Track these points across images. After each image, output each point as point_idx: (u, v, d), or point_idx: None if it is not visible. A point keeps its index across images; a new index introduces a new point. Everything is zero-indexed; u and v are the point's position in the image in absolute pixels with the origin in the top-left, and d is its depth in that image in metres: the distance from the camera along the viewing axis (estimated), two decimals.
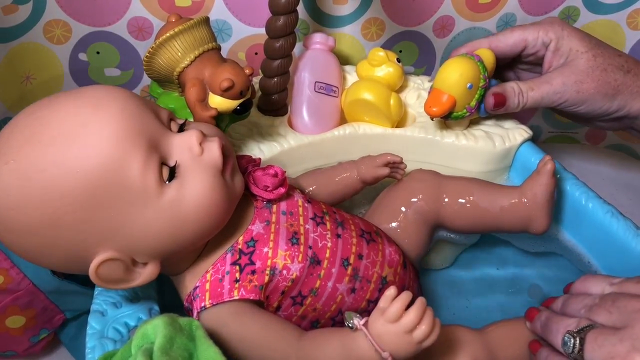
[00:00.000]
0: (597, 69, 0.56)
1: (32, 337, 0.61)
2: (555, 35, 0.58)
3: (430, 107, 0.57)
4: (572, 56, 0.57)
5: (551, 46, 0.59)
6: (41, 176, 0.36)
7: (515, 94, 0.58)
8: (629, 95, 0.56)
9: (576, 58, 0.57)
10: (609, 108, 0.57)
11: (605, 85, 0.56)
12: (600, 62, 0.56)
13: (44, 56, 0.66)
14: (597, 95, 0.56)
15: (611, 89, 0.56)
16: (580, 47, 0.57)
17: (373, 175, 0.55)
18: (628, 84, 0.56)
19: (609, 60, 0.57)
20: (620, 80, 0.56)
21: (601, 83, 0.56)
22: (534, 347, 0.45)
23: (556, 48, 0.58)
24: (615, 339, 0.37)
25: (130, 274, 0.41)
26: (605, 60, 0.57)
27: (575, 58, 0.57)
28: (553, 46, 0.58)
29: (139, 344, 0.38)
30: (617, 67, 0.57)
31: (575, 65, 0.57)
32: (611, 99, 0.56)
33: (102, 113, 0.38)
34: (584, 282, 0.45)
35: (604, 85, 0.56)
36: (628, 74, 0.56)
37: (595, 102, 0.57)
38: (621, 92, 0.56)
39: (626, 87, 0.56)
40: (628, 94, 0.56)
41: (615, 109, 0.57)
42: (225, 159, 0.42)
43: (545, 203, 0.53)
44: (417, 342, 0.38)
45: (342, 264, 0.46)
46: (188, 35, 0.48)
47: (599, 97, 0.56)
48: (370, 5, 0.69)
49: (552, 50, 0.59)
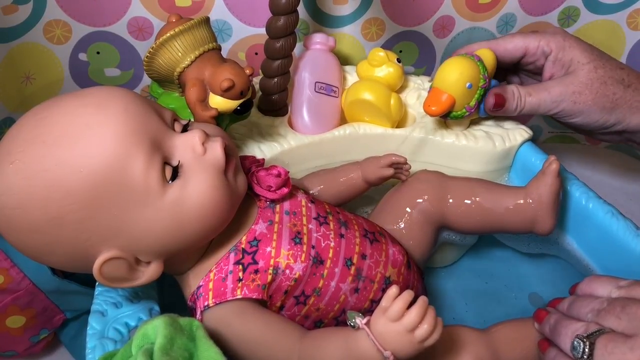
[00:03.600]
0: (596, 81, 0.56)
1: (32, 337, 0.61)
2: (556, 46, 0.58)
3: (429, 106, 0.57)
4: (573, 67, 0.57)
5: (551, 57, 0.59)
6: (45, 175, 0.37)
7: (515, 98, 0.58)
8: (628, 110, 0.56)
9: (577, 69, 0.57)
10: (606, 122, 0.57)
11: (603, 99, 0.56)
12: (601, 74, 0.56)
13: (44, 56, 0.66)
14: (594, 108, 0.56)
15: (609, 102, 0.56)
16: (581, 59, 0.57)
17: (377, 175, 0.55)
18: (627, 98, 0.56)
19: (610, 73, 0.56)
20: (619, 94, 0.56)
21: (599, 96, 0.56)
22: (542, 346, 0.44)
23: (557, 59, 0.58)
24: (625, 348, 0.37)
25: (133, 272, 0.41)
26: (606, 73, 0.56)
27: (576, 69, 0.57)
28: (553, 57, 0.58)
29: (140, 344, 0.38)
30: (617, 81, 0.56)
31: (575, 76, 0.57)
32: (609, 112, 0.56)
33: (105, 113, 0.38)
34: (590, 283, 0.45)
35: (601, 98, 0.56)
36: (628, 89, 0.56)
37: (592, 114, 0.57)
38: (619, 106, 0.56)
39: (625, 101, 0.56)
40: (627, 108, 0.56)
41: (613, 122, 0.57)
42: (228, 158, 0.42)
43: (551, 203, 0.53)
44: (419, 341, 0.38)
45: (345, 263, 0.46)
46: (188, 36, 0.48)
47: (596, 109, 0.56)
48: (370, 5, 0.69)
49: (552, 61, 0.59)
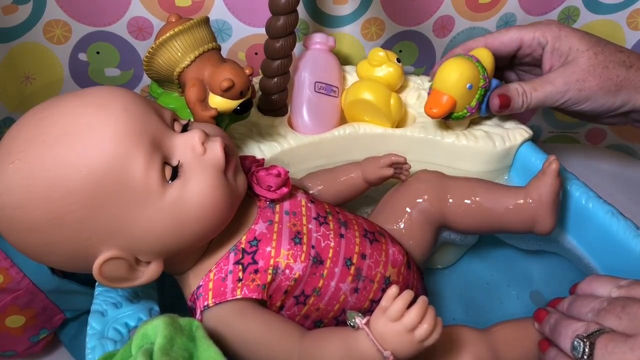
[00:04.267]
0: (598, 67, 0.56)
1: (32, 336, 0.61)
2: (551, 36, 0.58)
3: (430, 108, 0.57)
4: (572, 55, 0.57)
5: (548, 47, 0.59)
6: (45, 175, 0.37)
7: (519, 95, 0.58)
8: (633, 90, 0.56)
9: (577, 57, 0.57)
10: (613, 104, 0.57)
11: (608, 82, 0.56)
12: (602, 59, 0.56)
13: (44, 56, 0.66)
14: (599, 92, 0.56)
15: (614, 85, 0.56)
16: (580, 46, 0.57)
17: (377, 175, 0.55)
18: (631, 79, 0.56)
19: (610, 57, 0.57)
20: (622, 75, 0.56)
21: (603, 80, 0.56)
22: (543, 345, 0.44)
23: (554, 49, 0.58)
24: (626, 347, 0.37)
25: (133, 272, 0.41)
26: (606, 58, 0.57)
27: (576, 57, 0.57)
28: (550, 47, 0.59)
29: (139, 344, 0.38)
30: (618, 63, 0.56)
31: (576, 64, 0.57)
32: (614, 94, 0.56)
33: (105, 113, 0.38)
34: (590, 283, 0.45)
35: (606, 82, 0.56)
36: (630, 69, 0.56)
37: (599, 99, 0.57)
38: (624, 87, 0.56)
39: (629, 82, 0.56)
40: (632, 88, 0.56)
41: (620, 104, 0.57)
42: (228, 158, 0.42)
43: (551, 203, 0.53)
44: (419, 341, 0.38)
45: (345, 263, 0.46)
46: (188, 36, 0.48)
47: (601, 93, 0.56)
48: (370, 5, 0.69)
49: (549, 51, 0.59)
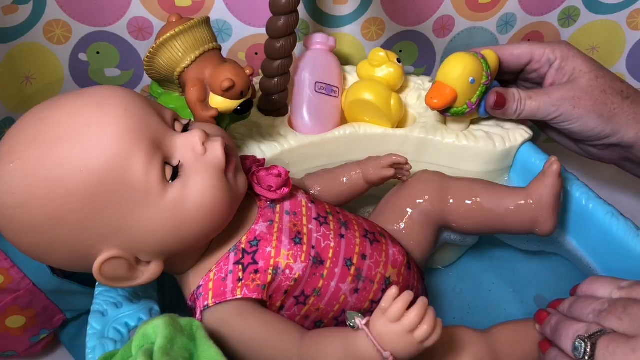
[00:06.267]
0: (596, 89, 0.57)
1: (32, 337, 0.61)
2: (561, 55, 0.59)
3: (431, 98, 0.57)
4: (575, 75, 0.58)
5: (555, 64, 0.59)
6: (46, 175, 0.37)
7: (515, 100, 0.59)
8: (625, 121, 0.57)
9: (578, 77, 0.58)
10: (603, 130, 0.57)
11: (602, 107, 0.57)
12: (602, 82, 0.57)
13: (44, 56, 0.66)
14: (592, 114, 0.57)
15: (607, 111, 0.57)
16: (583, 68, 0.58)
17: (378, 176, 0.55)
18: (625, 109, 0.57)
19: (610, 83, 0.57)
20: (617, 104, 0.57)
21: (599, 103, 0.57)
22: (543, 346, 0.44)
23: (560, 67, 0.59)
24: (627, 348, 0.37)
25: (133, 272, 0.41)
26: (606, 83, 0.57)
27: (577, 77, 0.58)
28: (557, 64, 0.59)
29: (140, 344, 0.38)
30: (616, 91, 0.57)
31: (576, 83, 0.58)
32: (606, 121, 0.57)
33: (105, 113, 0.38)
34: (590, 284, 0.45)
35: (600, 106, 0.57)
36: (626, 100, 0.57)
37: (590, 121, 0.57)
38: (617, 116, 0.57)
39: (622, 112, 0.57)
40: (624, 119, 0.57)
41: (609, 132, 0.57)
42: (228, 158, 0.42)
43: (552, 204, 0.53)
44: (419, 342, 0.38)
45: (345, 264, 0.46)
46: (188, 36, 0.48)
47: (594, 116, 0.57)
48: (370, 5, 0.69)
49: (555, 68, 0.59)
